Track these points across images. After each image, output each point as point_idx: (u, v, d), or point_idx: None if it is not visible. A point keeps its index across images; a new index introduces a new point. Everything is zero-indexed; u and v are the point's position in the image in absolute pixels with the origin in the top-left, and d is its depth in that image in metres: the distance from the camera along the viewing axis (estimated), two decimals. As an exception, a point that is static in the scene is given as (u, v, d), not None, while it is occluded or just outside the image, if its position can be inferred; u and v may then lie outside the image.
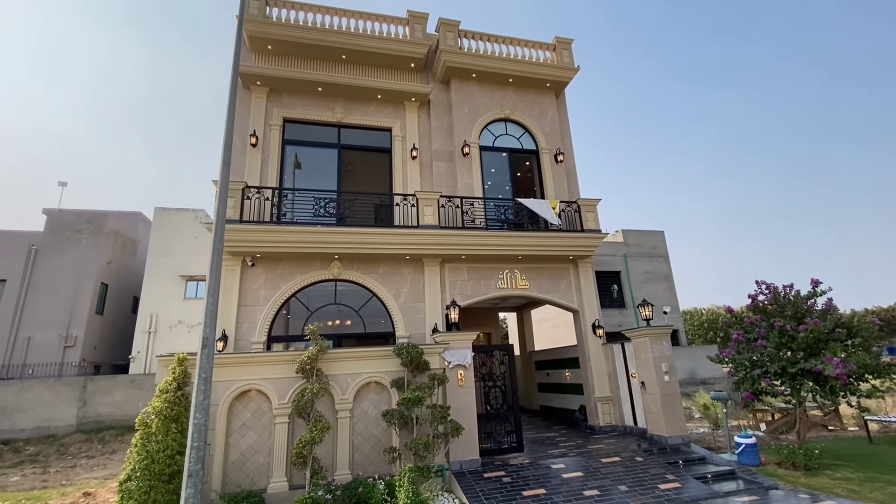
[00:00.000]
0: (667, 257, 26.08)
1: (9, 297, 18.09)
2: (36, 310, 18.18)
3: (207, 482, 6.71)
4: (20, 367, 17.41)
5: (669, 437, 8.83)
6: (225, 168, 6.37)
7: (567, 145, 12.62)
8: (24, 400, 15.77)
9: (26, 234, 19.22)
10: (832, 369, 7.01)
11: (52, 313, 18.37)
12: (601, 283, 24.65)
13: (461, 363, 8.16)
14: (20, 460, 13.71)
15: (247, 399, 7.26)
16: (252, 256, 9.52)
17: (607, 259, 25.14)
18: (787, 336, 7.95)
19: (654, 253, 26.00)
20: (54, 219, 19.65)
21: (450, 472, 7.59)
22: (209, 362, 5.72)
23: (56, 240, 19.27)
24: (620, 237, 26.20)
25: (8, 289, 18.20)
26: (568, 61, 12.68)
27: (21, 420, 15.49)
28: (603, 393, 10.63)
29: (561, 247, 10.84)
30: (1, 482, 11.46)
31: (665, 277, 25.62)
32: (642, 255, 25.74)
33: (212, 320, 5.93)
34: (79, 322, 18.67)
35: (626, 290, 24.90)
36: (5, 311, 17.91)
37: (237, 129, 10.44)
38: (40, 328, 18.14)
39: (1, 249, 18.49)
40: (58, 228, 19.47)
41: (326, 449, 7.31)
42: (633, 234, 26.01)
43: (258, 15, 10.83)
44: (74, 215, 20.08)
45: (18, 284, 18.30)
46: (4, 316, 17.84)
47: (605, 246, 25.88)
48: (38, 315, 18.14)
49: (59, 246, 19.24)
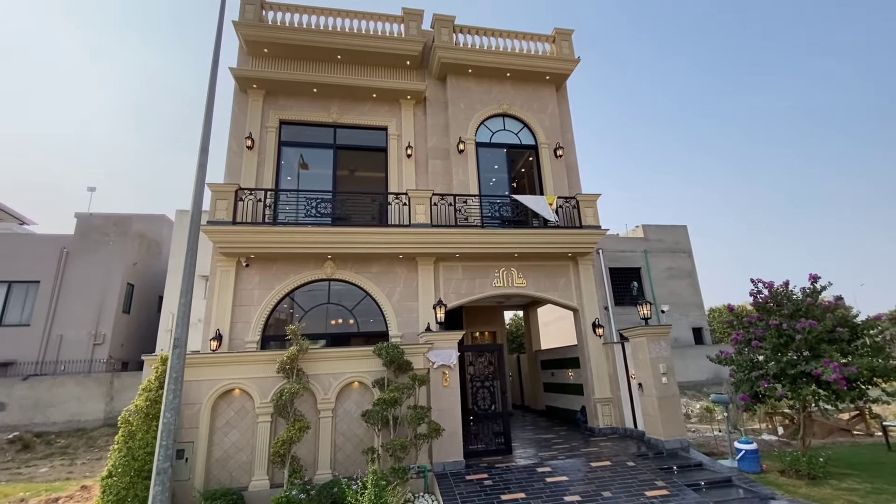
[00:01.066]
0: (690, 253, 25.15)
1: (42, 297, 19.11)
2: (67, 309, 19.13)
3: (190, 479, 6.88)
4: (53, 364, 18.39)
5: (667, 441, 8.47)
6: (201, 171, 6.48)
7: (568, 140, 12.29)
8: (56, 395, 16.66)
9: (58, 238, 20.26)
10: (830, 373, 6.54)
11: (82, 312, 19.29)
12: (620, 280, 24.07)
13: (445, 363, 8.06)
14: (51, 452, 14.48)
15: (231, 398, 7.39)
16: (246, 257, 9.69)
17: (626, 255, 24.46)
18: (785, 336, 7.48)
19: (677, 248, 25.10)
20: (83, 222, 20.63)
21: (432, 474, 7.53)
22: (180, 363, 5.84)
23: (85, 242, 20.22)
24: (640, 232, 25.42)
25: (42, 290, 19.23)
26: (568, 53, 12.33)
27: (53, 414, 16.36)
28: (603, 394, 10.32)
29: (559, 244, 10.56)
30: (30, 473, 12.12)
31: (688, 274, 24.71)
32: (664, 251, 24.90)
33: (184, 321, 6.06)
34: (107, 321, 19.54)
35: (647, 288, 24.14)
36: (39, 311, 18.93)
37: (234, 133, 10.67)
38: (71, 327, 19.08)
39: (35, 253, 19.55)
40: (86, 231, 20.43)
41: (309, 448, 7.37)
42: (653, 230, 25.18)
43: (254, 19, 11.00)
44: (102, 219, 21.02)
45: (51, 285, 19.30)
46: (38, 315, 18.85)
47: (623, 242, 25.23)
48: (69, 314, 19.09)
49: (88, 248, 20.19)
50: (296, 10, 11.33)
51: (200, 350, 9.31)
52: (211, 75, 6.88)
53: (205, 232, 9.49)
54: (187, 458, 6.96)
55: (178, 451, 6.95)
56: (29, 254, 19.59)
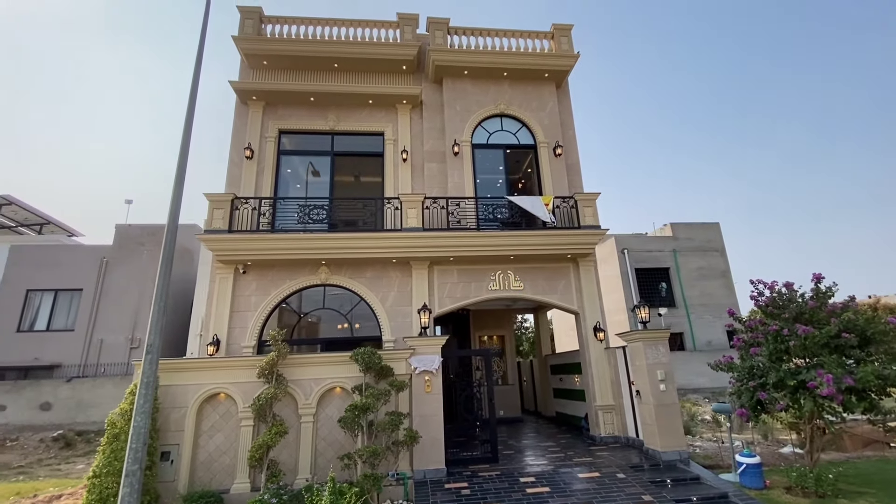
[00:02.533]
0: (723, 251, 23.87)
1: (85, 304, 20.44)
2: (107, 315, 20.38)
3: (175, 481, 7.10)
4: (94, 367, 19.63)
5: (664, 452, 8.00)
6: (178, 185, 6.71)
7: (570, 137, 11.92)
8: (96, 396, 17.75)
9: (99, 248, 21.65)
10: (824, 387, 5.95)
11: (120, 318, 20.49)
12: (647, 281, 23.17)
13: (428, 369, 7.97)
14: (90, 450, 15.39)
15: (216, 402, 7.59)
16: (243, 264, 9.97)
17: (654, 255, 23.54)
18: (785, 342, 6.89)
19: (709, 247, 23.91)
20: (121, 233, 21.94)
21: (412, 481, 7.44)
22: (151, 368, 6.05)
23: (123, 252, 21.48)
24: (669, 231, 24.39)
25: (84, 297, 20.57)
26: (567, 48, 11.98)
27: (94, 414, 17.40)
28: (605, 401, 9.90)
29: (556, 245, 10.24)
30: (68, 469, 12.92)
31: (722, 274, 23.45)
32: (694, 250, 23.79)
33: (157, 327, 6.27)
34: (142, 326, 20.63)
35: (677, 288, 23.16)
36: (82, 316, 20.25)
37: (235, 144, 11.02)
38: (110, 331, 20.30)
39: (79, 262, 20.95)
40: (124, 241, 21.71)
41: (290, 453, 7.46)
42: (683, 228, 24.10)
43: (253, 33, 11.35)
44: (139, 229, 22.28)
45: (92, 292, 20.62)
46: (81, 321, 20.17)
47: (651, 241, 24.28)
48: (108, 320, 20.32)
49: (126, 257, 21.44)
50: (293, 21, 11.61)
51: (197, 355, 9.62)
52: (190, 100, 7.05)
53: (202, 240, 9.87)
54: (172, 460, 7.20)
55: (164, 454, 7.21)
56: (73, 263, 21.00)
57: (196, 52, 7.21)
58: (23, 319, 20.09)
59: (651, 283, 23.31)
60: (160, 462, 7.13)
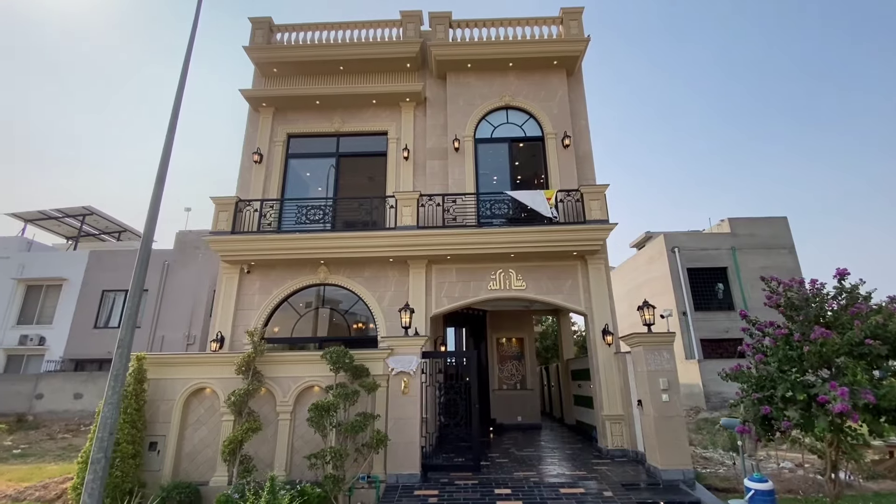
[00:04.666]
0: (792, 248, 21.37)
1: (149, 303, 22.41)
2: (167, 314, 22.19)
3: (160, 470, 7.44)
4: (156, 360, 21.42)
5: (664, 470, 7.15)
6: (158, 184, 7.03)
7: (582, 127, 11.16)
8: (156, 387, 19.27)
9: (163, 252, 23.62)
10: (837, 402, 4.91)
11: (178, 316, 22.23)
12: (701, 282, 21.33)
13: (405, 370, 7.73)
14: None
15: (203, 396, 7.88)
16: (247, 264, 10.33)
17: (709, 253, 21.59)
18: (796, 348, 5.84)
19: (774, 244, 21.53)
20: (181, 238, 23.84)
21: (384, 485, 7.24)
22: (121, 362, 6.33)
23: (181, 256, 23.32)
24: (726, 227, 22.28)
25: (149, 297, 22.58)
26: (577, 33, 11.23)
27: (153, 403, 18.90)
28: (613, 410, 9.09)
29: (560, 242, 9.59)
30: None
31: (790, 273, 20.91)
32: (757, 248, 21.53)
33: (130, 323, 6.56)
34: (197, 323, 22.25)
35: (736, 290, 21.10)
36: (147, 315, 22.21)
37: (247, 150, 11.48)
38: (170, 329, 22.07)
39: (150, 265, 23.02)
40: (183, 246, 23.56)
41: (269, 449, 7.56)
42: (743, 223, 21.90)
43: (263, 42, 11.79)
44: (195, 235, 24.05)
45: (156, 293, 22.56)
46: (147, 319, 22.11)
47: (705, 238, 22.31)
48: (168, 318, 22.12)
49: (184, 261, 23.25)
50: (301, 28, 11.92)
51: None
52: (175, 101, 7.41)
53: (207, 241, 10.34)
54: (159, 450, 7.55)
55: (152, 443, 7.58)
56: (141, 266, 23.05)
57: (184, 56, 7.52)
58: (99, 316, 22.31)
59: (705, 284, 21.43)
60: (147, 451, 7.51)
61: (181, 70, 7.36)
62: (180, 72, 7.33)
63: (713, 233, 22.93)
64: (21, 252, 23.68)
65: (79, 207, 24.77)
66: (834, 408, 4.91)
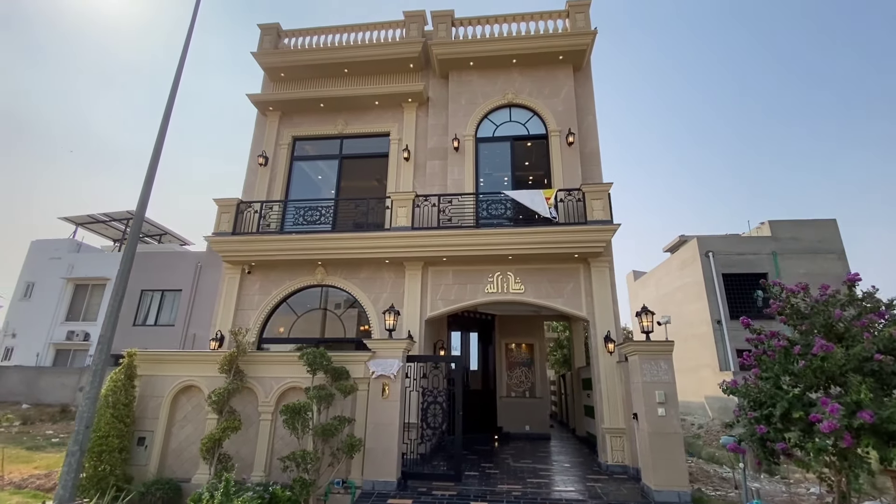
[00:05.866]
0: (842, 254, 19.60)
1: (183, 303, 23.43)
2: (199, 312, 23.07)
3: (147, 465, 7.59)
4: (187, 358, 22.31)
5: (658, 491, 6.57)
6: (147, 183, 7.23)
7: (589, 124, 10.64)
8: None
9: (196, 254, 24.67)
10: (828, 419, 4.27)
11: (208, 315, 23.07)
12: (737, 289, 19.98)
13: (385, 373, 7.53)
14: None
15: (191, 393, 7.99)
16: (248, 265, 10.50)
17: (747, 258, 20.20)
18: (794, 363, 5.18)
19: (821, 248, 19.84)
20: (212, 241, 24.83)
21: (360, 491, 7.06)
22: (100, 358, 6.48)
23: (213, 257, 24.13)
24: (767, 230, 20.76)
25: (183, 297, 23.63)
26: (583, 26, 10.73)
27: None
28: (614, 423, 8.52)
29: (560, 243, 9.14)
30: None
31: (839, 279, 19.19)
32: (801, 252, 19.93)
33: (110, 321, 6.73)
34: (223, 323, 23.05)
35: (780, 297, 19.51)
36: (180, 314, 23.23)
37: (254, 153, 11.71)
38: (201, 326, 22.89)
39: (181, 266, 24.08)
40: (213, 248, 24.52)
41: (250, 449, 7.56)
42: (786, 226, 20.35)
43: (271, 47, 12.02)
44: (226, 237, 25.02)
45: (189, 293, 23.58)
46: (180, 317, 23.11)
47: (743, 242, 20.90)
48: (199, 316, 22.99)
49: (215, 262, 24.11)
50: (307, 32, 12.08)
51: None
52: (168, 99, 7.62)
53: (208, 241, 10.58)
54: (147, 445, 7.71)
55: (140, 439, 7.75)
56: (177, 268, 24.12)
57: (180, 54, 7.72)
58: (137, 315, 23.46)
59: (743, 291, 20.03)
60: (136, 446, 7.69)
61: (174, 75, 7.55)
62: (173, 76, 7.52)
63: (751, 236, 21.44)
64: (71, 253, 25.38)
65: (123, 212, 26.26)
66: (822, 426, 4.30)
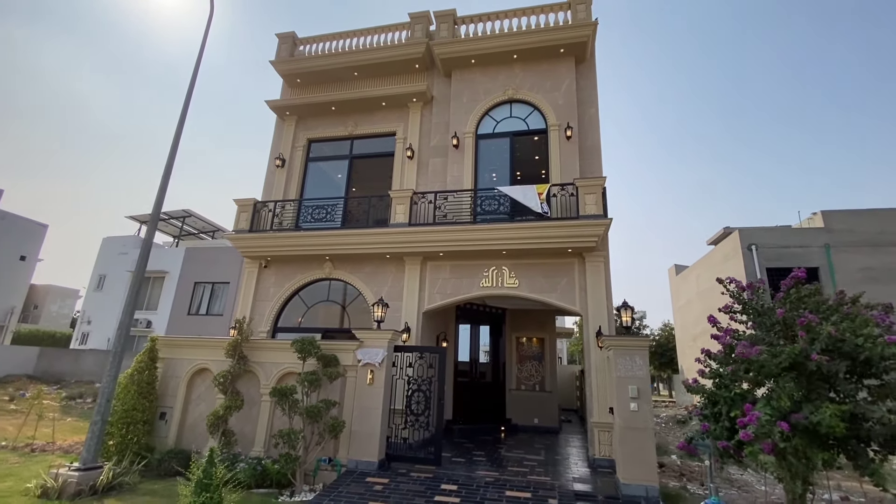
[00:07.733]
0: (904, 246, 17.86)
1: (230, 294, 25.26)
2: (245, 304, 24.87)
3: (167, 437, 8.54)
4: (234, 345, 24.10)
5: (626, 485, 6.59)
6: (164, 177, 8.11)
7: (591, 116, 10.51)
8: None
9: (243, 249, 26.52)
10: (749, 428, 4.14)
11: (253, 307, 24.80)
12: (783, 284, 18.73)
13: (371, 362, 8.00)
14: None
15: (205, 375, 8.87)
16: (265, 260, 11.36)
17: (794, 252, 18.91)
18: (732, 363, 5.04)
19: (882, 241, 18.23)
20: (258, 237, 26.54)
21: (345, 468, 7.60)
22: (119, 342, 7.45)
23: (258, 252, 25.99)
24: (819, 221, 19.29)
25: (230, 289, 25.49)
26: (584, 17, 10.56)
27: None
28: (602, 417, 8.51)
29: (552, 238, 9.19)
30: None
31: (900, 276, 17.56)
32: (858, 245, 18.41)
33: (129, 308, 7.67)
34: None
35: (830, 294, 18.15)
36: (228, 304, 25.05)
37: (273, 155, 12.56)
38: (247, 317, 24.69)
39: (229, 261, 25.93)
40: (259, 244, 26.21)
41: (252, 426, 8.31)
42: (840, 217, 18.82)
43: (287, 55, 12.79)
44: (270, 233, 26.64)
45: (235, 285, 25.40)
46: (227, 308, 24.96)
47: (791, 234, 19.58)
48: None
49: (260, 257, 25.89)
50: (320, 39, 12.74)
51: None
52: (185, 98, 8.49)
53: (228, 239, 11.52)
54: (167, 420, 8.68)
55: (162, 414, 8.73)
56: (226, 262, 26.00)
57: (196, 57, 8.57)
58: (191, 305, 25.55)
59: (789, 287, 18.72)
60: (158, 420, 8.67)
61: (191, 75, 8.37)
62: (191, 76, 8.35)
63: (801, 228, 19.99)
64: (136, 249, 28.02)
65: (180, 210, 28.59)
66: (741, 435, 4.25)
